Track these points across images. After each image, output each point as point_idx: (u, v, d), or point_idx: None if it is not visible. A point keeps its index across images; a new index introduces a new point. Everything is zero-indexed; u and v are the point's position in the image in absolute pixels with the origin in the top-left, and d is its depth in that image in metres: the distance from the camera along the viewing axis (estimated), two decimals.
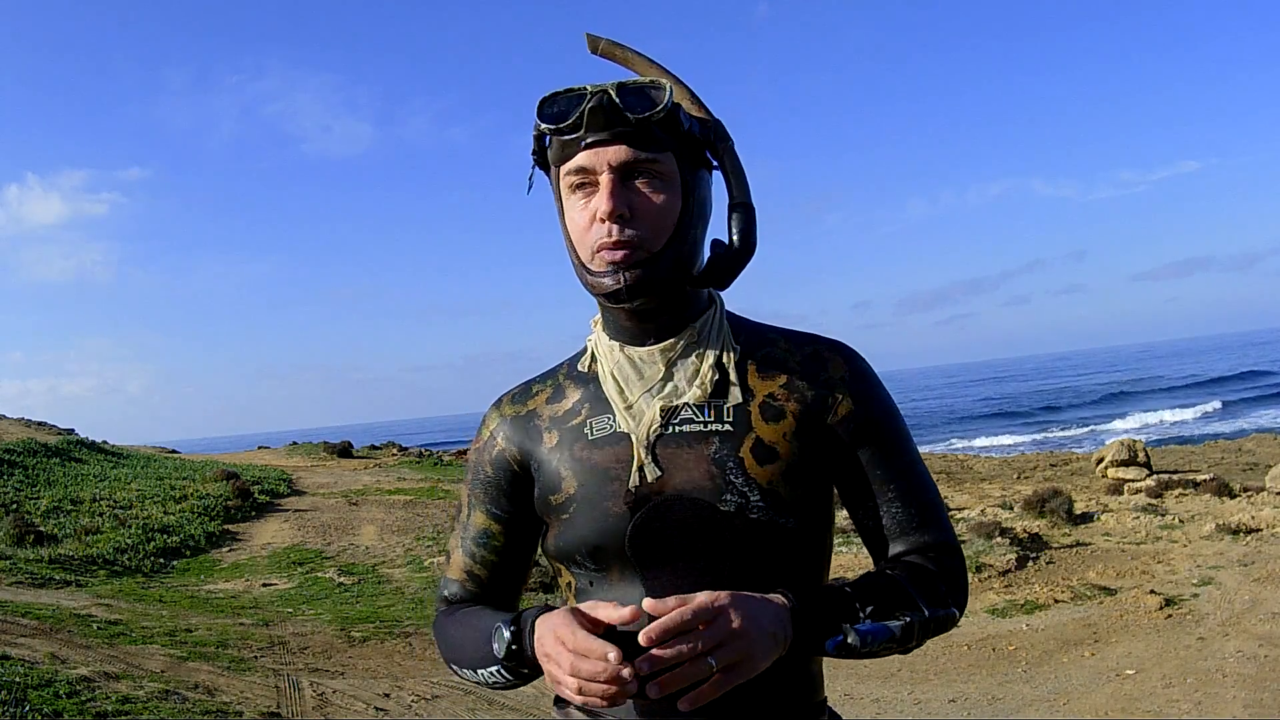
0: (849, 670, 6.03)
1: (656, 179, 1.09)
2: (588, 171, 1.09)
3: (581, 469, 1.13)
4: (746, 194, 1.16)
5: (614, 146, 1.07)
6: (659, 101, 1.07)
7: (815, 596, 1.03)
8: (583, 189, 1.10)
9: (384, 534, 12.17)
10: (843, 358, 1.17)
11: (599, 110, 1.06)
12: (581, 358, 1.22)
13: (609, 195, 1.07)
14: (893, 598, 1.05)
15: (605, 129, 1.07)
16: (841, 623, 1.01)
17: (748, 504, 1.07)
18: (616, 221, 1.07)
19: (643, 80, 1.10)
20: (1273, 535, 8.87)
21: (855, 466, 1.14)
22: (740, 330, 1.18)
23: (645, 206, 1.08)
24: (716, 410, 1.11)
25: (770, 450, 1.09)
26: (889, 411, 1.16)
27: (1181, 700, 5.12)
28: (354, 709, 5.20)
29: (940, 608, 1.07)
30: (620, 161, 1.07)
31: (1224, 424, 32.62)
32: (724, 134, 1.16)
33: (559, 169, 1.13)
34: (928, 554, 1.12)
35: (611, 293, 1.09)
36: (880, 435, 1.14)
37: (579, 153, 1.09)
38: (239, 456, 26.16)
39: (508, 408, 1.23)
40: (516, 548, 1.22)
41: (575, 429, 1.15)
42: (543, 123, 1.11)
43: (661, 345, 1.14)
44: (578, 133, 1.08)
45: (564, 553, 1.13)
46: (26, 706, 4.27)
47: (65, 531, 11.17)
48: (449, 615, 1.21)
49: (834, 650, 1.01)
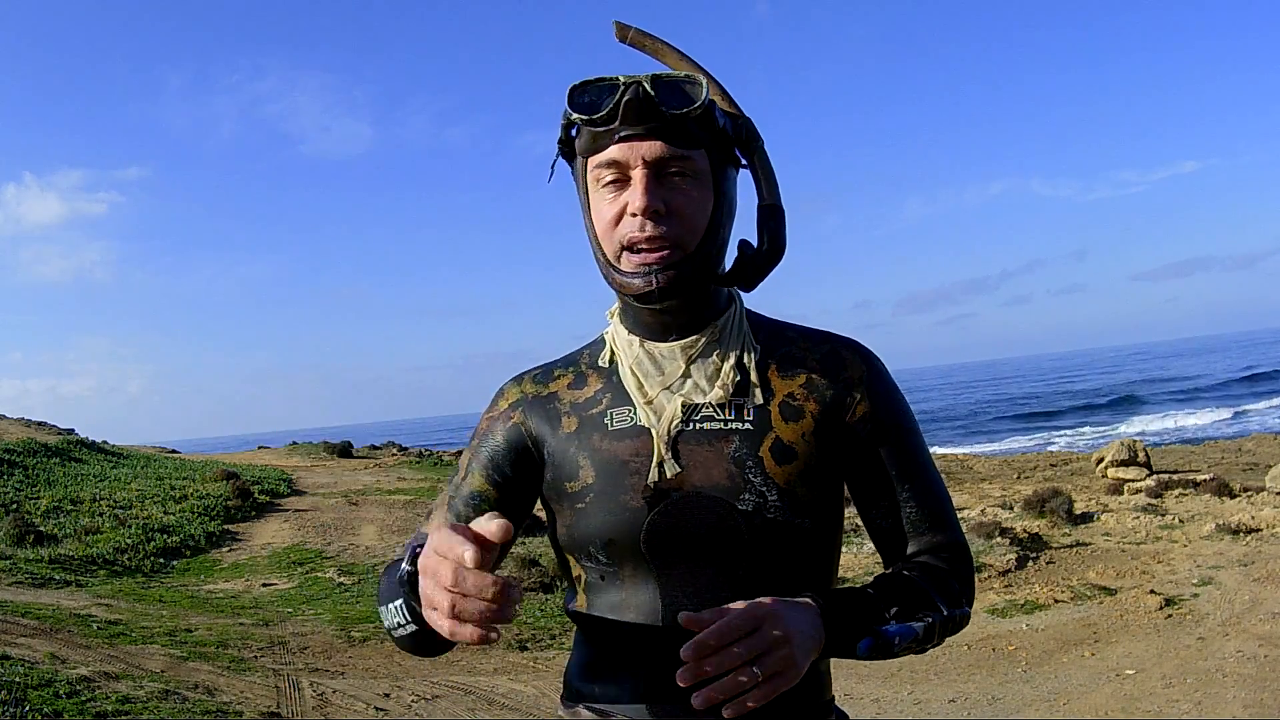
0: (849, 670, 6.02)
1: (689, 176, 1.06)
2: (620, 165, 1.06)
3: (600, 459, 1.10)
4: (777, 195, 1.15)
5: (649, 141, 1.04)
6: (696, 97, 1.05)
7: (843, 599, 1.02)
8: (614, 183, 1.07)
9: (384, 534, 12.17)
10: (860, 357, 1.16)
11: (635, 103, 1.03)
12: (601, 350, 1.19)
13: (644, 190, 1.04)
14: (913, 599, 1.05)
15: (640, 123, 1.04)
16: (870, 624, 1.01)
17: (765, 503, 1.06)
18: (651, 218, 1.05)
19: (678, 74, 1.07)
20: (1273, 535, 8.87)
21: (870, 466, 1.13)
22: (759, 329, 1.17)
23: (679, 204, 1.06)
24: (737, 409, 1.10)
25: (789, 450, 1.08)
26: (904, 412, 1.16)
27: (1181, 700, 5.11)
28: (354, 709, 5.20)
29: (956, 607, 1.08)
30: (655, 157, 1.05)
31: (1226, 425, 32.56)
32: (755, 133, 1.14)
33: (586, 160, 1.10)
34: (940, 554, 1.12)
35: (643, 294, 1.07)
36: (896, 435, 1.14)
37: (611, 145, 1.06)
38: (239, 456, 26.15)
39: (529, 386, 1.20)
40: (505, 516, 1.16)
41: (595, 418, 1.13)
42: (575, 112, 1.07)
43: (683, 342, 1.13)
44: (611, 124, 1.05)
45: (577, 544, 1.11)
46: (26, 706, 4.27)
47: (65, 531, 11.17)
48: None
49: (866, 651, 1.00)
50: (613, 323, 1.19)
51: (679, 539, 1.06)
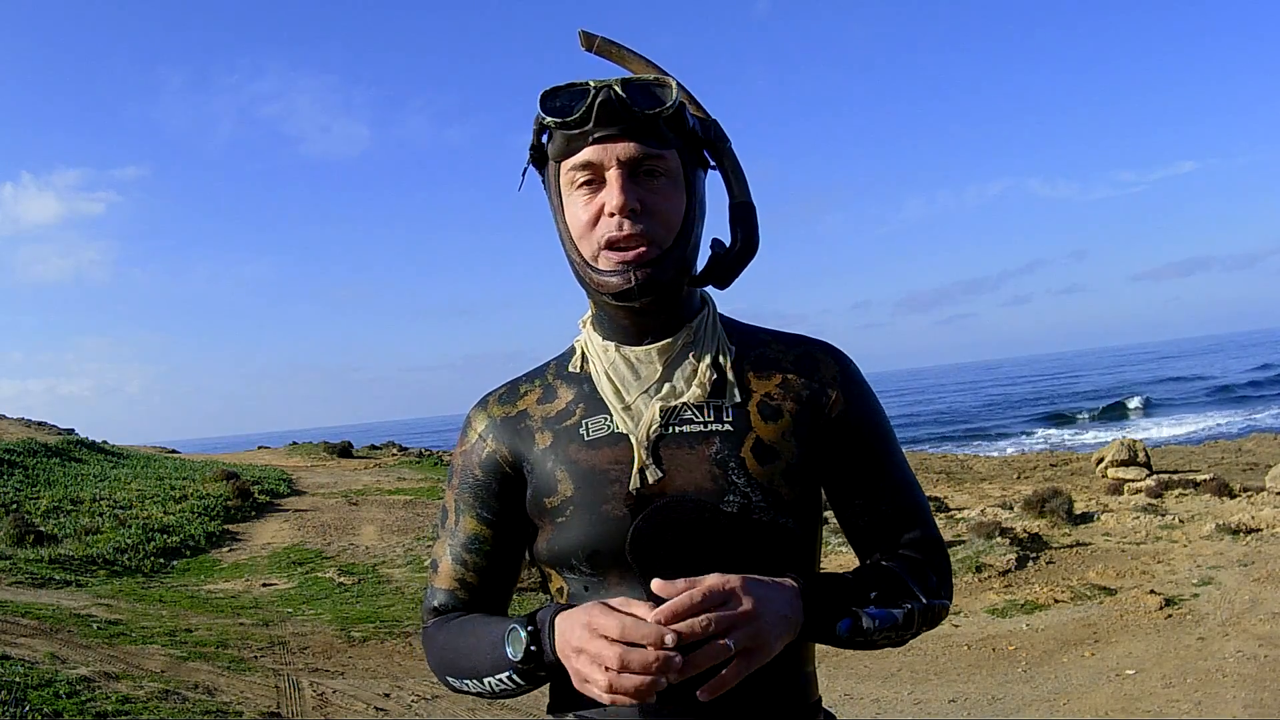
0: (849, 670, 6.03)
1: (662, 176, 1.08)
2: (594, 166, 1.07)
3: (578, 471, 1.10)
4: (747, 193, 1.16)
5: (623, 142, 1.06)
6: (666, 99, 1.07)
7: (823, 581, 1.04)
8: (587, 185, 1.08)
9: (384, 534, 12.17)
10: (833, 358, 1.18)
11: (607, 105, 1.05)
12: (571, 358, 1.19)
13: (620, 189, 1.05)
14: (893, 587, 1.06)
15: (613, 124, 1.05)
16: (850, 607, 1.02)
17: (750, 505, 1.06)
18: (628, 216, 1.05)
19: (647, 77, 1.09)
20: (1273, 535, 8.87)
21: (848, 465, 1.14)
22: (733, 332, 1.18)
23: (654, 203, 1.07)
24: (716, 410, 1.10)
25: (771, 450, 1.09)
26: (878, 411, 1.18)
27: (1181, 700, 5.11)
28: (354, 709, 5.20)
29: (935, 598, 1.09)
30: (629, 157, 1.06)
31: (1232, 425, 32.47)
32: (722, 134, 1.15)
33: (559, 164, 1.10)
34: (917, 549, 1.13)
35: (621, 291, 1.07)
36: (872, 434, 1.15)
37: (585, 147, 1.07)
38: (239, 456, 26.16)
39: (495, 409, 1.18)
40: (507, 552, 1.18)
41: (570, 430, 1.12)
42: (547, 116, 1.08)
43: (659, 345, 1.12)
44: (585, 127, 1.06)
45: (558, 557, 1.10)
46: (26, 706, 4.27)
47: (65, 531, 11.18)
48: (443, 625, 1.16)
49: (846, 632, 1.01)
50: (585, 330, 1.19)
51: (664, 545, 1.06)
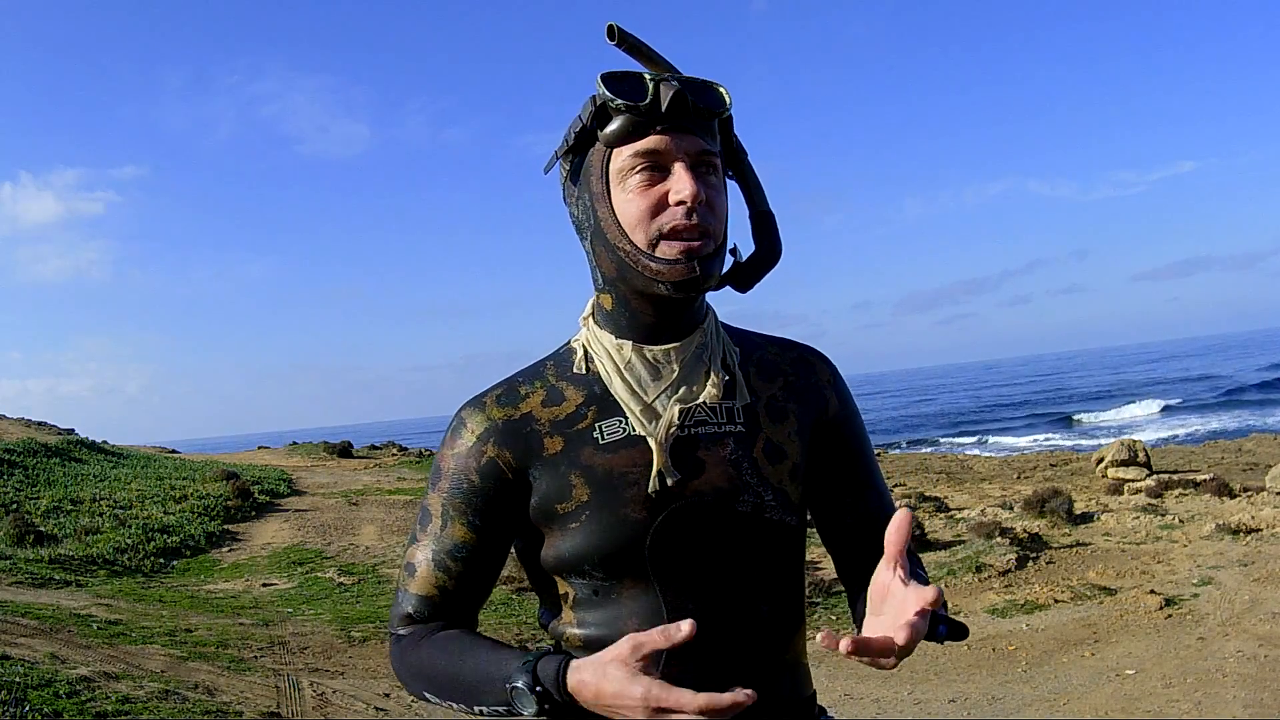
0: (849, 670, 6.02)
1: (714, 175, 1.09)
2: (659, 155, 1.06)
3: (594, 475, 1.07)
4: (766, 202, 1.18)
5: (690, 136, 1.06)
6: (726, 102, 1.09)
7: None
8: (646, 172, 1.06)
9: (384, 534, 12.17)
10: (823, 362, 1.23)
11: (680, 98, 1.05)
12: (572, 357, 1.15)
13: (692, 179, 1.05)
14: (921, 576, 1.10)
15: (682, 116, 1.06)
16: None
17: (763, 504, 1.09)
18: (698, 207, 1.06)
19: (706, 79, 1.10)
20: (1273, 535, 8.87)
21: (837, 464, 1.19)
22: (730, 334, 1.20)
23: (714, 199, 1.08)
24: (728, 412, 1.12)
25: (779, 450, 1.12)
26: (859, 413, 1.25)
27: (1181, 700, 5.11)
28: (354, 709, 5.20)
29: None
30: (697, 151, 1.07)
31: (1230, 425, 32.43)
32: (742, 145, 1.18)
33: (612, 149, 1.08)
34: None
35: (684, 280, 1.05)
36: (858, 436, 1.22)
37: (650, 135, 1.06)
38: (239, 456, 26.16)
39: (496, 410, 1.12)
40: (490, 561, 1.13)
41: (582, 433, 1.09)
42: (618, 99, 1.05)
43: (676, 345, 1.12)
44: (654, 114, 1.05)
45: (569, 563, 1.08)
46: (26, 706, 4.27)
47: (65, 531, 11.17)
48: (421, 642, 1.10)
49: (946, 635, 1.01)
50: (588, 327, 1.16)
51: (684, 546, 1.06)
